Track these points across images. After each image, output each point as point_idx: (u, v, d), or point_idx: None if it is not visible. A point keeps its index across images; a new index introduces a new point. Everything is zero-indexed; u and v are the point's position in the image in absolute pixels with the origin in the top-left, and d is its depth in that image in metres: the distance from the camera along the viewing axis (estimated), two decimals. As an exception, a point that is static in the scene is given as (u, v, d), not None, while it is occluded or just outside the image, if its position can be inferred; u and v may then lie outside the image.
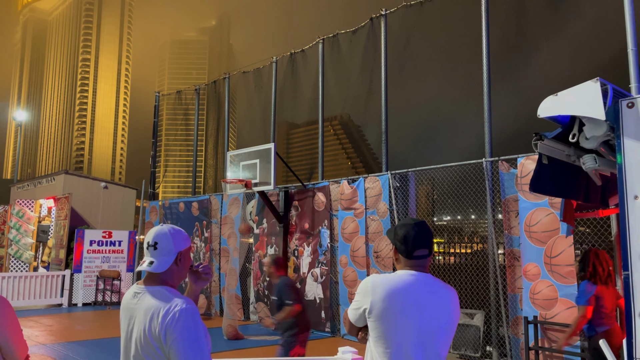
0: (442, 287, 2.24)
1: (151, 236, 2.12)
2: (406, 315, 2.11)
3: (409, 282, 2.16)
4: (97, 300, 13.93)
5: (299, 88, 12.30)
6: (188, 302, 1.96)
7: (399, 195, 8.77)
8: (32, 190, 18.50)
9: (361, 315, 2.19)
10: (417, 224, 2.27)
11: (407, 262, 2.23)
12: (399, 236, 2.25)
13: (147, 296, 2.01)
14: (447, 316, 2.18)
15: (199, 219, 12.93)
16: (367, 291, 2.17)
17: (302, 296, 5.78)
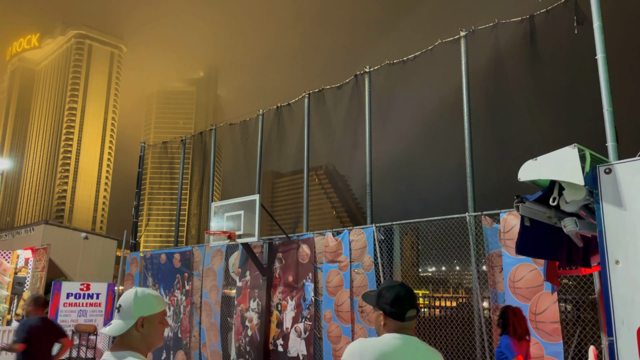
0: (428, 350, 2.23)
1: (120, 298, 2.12)
2: None
3: (397, 347, 2.14)
4: (71, 356, 13.37)
5: (285, 140, 12.44)
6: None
7: (384, 248, 8.74)
8: (10, 240, 18.10)
9: None
10: (402, 285, 2.29)
11: (397, 325, 2.22)
12: (389, 299, 2.23)
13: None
14: None
15: (180, 270, 12.68)
16: (355, 357, 2.13)
17: (33, 336, 6.15)
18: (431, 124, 9.13)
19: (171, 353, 12.28)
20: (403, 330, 2.21)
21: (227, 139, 14.25)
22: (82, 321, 13.75)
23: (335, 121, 11.23)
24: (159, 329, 2.10)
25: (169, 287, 12.88)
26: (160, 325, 2.11)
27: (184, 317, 12.20)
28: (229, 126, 13.86)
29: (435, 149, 9.29)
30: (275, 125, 12.49)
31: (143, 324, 2.05)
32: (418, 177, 10.32)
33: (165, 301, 12.78)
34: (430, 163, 9.71)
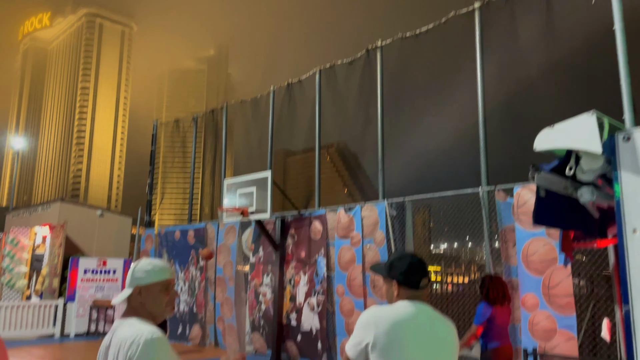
0: (443, 320, 2.25)
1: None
2: (412, 348, 2.08)
3: (413, 314, 2.14)
4: (90, 330, 13.69)
5: (296, 117, 12.39)
6: (154, 332, 1.92)
7: (396, 224, 8.74)
8: (28, 218, 18.39)
9: (362, 351, 2.14)
10: (414, 255, 2.31)
11: (411, 293, 2.22)
12: (402, 268, 2.24)
13: (121, 328, 2.02)
14: (450, 347, 2.19)
15: (195, 247, 12.83)
16: (370, 325, 2.12)
17: None
18: (444, 97, 9.02)
19: (187, 327, 12.51)
20: (416, 298, 2.22)
21: (238, 116, 14.24)
22: (100, 296, 14.02)
23: (346, 97, 11.14)
24: (158, 298, 2.09)
25: (184, 263, 13.05)
26: (161, 295, 2.10)
27: (199, 292, 12.38)
28: (240, 104, 13.83)
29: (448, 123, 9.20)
30: (286, 102, 12.44)
31: (140, 292, 2.08)
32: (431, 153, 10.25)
33: (173, 271, 12.97)
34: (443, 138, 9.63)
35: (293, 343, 10.12)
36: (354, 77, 10.47)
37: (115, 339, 1.97)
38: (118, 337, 1.97)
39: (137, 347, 1.86)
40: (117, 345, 1.93)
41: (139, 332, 1.92)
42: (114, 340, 1.98)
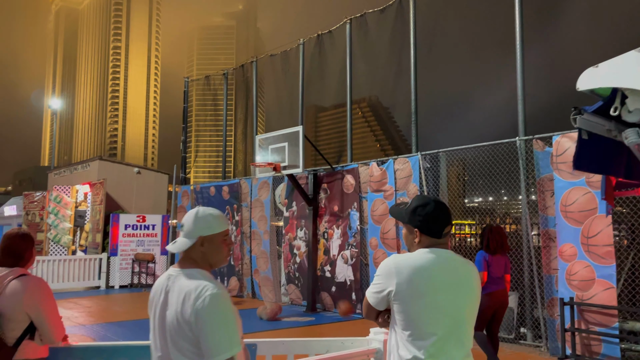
0: (464, 263, 2.19)
1: (184, 217, 2.13)
2: (434, 294, 2.05)
3: (434, 261, 2.10)
4: (133, 282, 14.30)
5: (327, 70, 12.20)
6: (219, 286, 1.95)
7: (430, 176, 8.65)
8: (69, 176, 19.02)
9: (384, 298, 2.12)
10: (437, 200, 2.21)
11: (433, 241, 2.16)
12: (425, 215, 2.15)
13: (181, 278, 2.00)
14: (472, 292, 2.15)
15: (229, 202, 13.07)
16: (391, 272, 2.09)
17: None
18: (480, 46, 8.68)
19: (225, 279, 12.92)
20: (438, 245, 2.16)
21: (268, 71, 14.12)
22: (141, 250, 14.55)
23: (378, 48, 10.86)
24: (220, 248, 2.11)
25: (219, 218, 13.33)
26: (222, 244, 2.12)
27: (235, 246, 12.69)
28: (269, 58, 13.68)
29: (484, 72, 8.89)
30: (316, 55, 12.23)
31: (203, 243, 2.06)
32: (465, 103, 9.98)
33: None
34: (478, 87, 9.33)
35: (327, 294, 10.35)
36: (386, 26, 10.16)
37: (176, 288, 1.97)
38: (179, 287, 1.96)
39: (203, 300, 1.87)
40: (179, 294, 1.94)
41: (203, 285, 1.92)
42: (175, 288, 1.98)
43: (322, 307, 10.43)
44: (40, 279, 2.80)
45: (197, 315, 1.87)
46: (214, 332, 1.86)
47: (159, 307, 2.01)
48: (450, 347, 2.04)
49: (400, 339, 2.08)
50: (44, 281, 2.82)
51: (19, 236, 2.82)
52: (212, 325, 1.86)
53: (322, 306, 10.44)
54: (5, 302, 2.63)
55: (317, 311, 10.25)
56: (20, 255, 2.79)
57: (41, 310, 2.69)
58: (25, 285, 2.69)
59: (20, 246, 2.80)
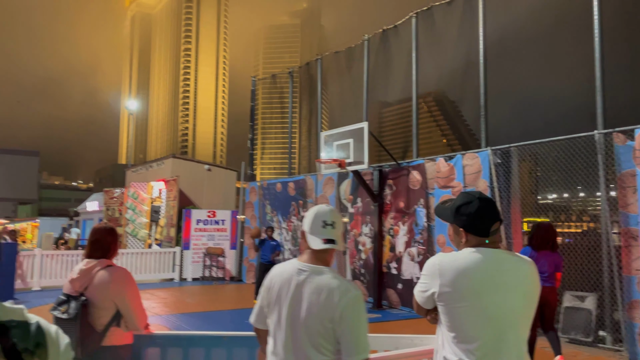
0: (517, 262, 2.04)
1: (328, 215, 2.12)
2: (478, 297, 1.94)
3: (480, 261, 1.98)
4: (204, 275, 14.87)
5: (391, 65, 12.09)
6: (357, 287, 2.01)
7: (500, 172, 8.37)
8: (145, 173, 20.04)
9: (429, 298, 2.07)
10: (482, 197, 2.07)
11: (481, 240, 2.03)
12: (469, 214, 2.03)
13: (315, 275, 2.03)
14: (525, 292, 2.01)
15: (295, 198, 13.28)
16: (435, 273, 2.02)
17: None
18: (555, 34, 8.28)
19: (291, 274, 13.13)
20: (489, 244, 2.03)
21: (332, 68, 14.18)
22: (211, 245, 15.09)
23: (445, 42, 10.62)
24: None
25: (286, 214, 13.59)
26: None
27: (301, 241, 12.88)
28: (334, 55, 13.74)
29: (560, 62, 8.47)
30: (381, 51, 12.14)
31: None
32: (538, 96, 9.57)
33: (283, 227, 13.57)
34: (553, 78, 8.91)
35: (394, 291, 10.29)
36: (453, 19, 9.92)
37: (313, 285, 2.01)
38: (317, 284, 2.00)
39: (348, 299, 1.94)
40: (319, 291, 1.98)
41: (347, 285, 1.99)
42: (311, 285, 2.01)
43: (388, 304, 10.39)
44: (124, 270, 3.00)
45: (342, 314, 1.92)
46: (358, 331, 1.94)
47: (287, 300, 2.04)
48: (497, 351, 1.94)
49: (446, 340, 2.02)
50: (128, 271, 3.01)
51: (105, 230, 3.03)
52: (356, 324, 1.94)
53: (388, 303, 10.40)
54: (94, 291, 2.84)
55: (383, 308, 10.22)
56: (107, 248, 3.00)
57: (126, 298, 2.88)
58: (112, 275, 2.88)
59: (106, 239, 3.01)
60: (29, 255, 12.58)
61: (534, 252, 5.65)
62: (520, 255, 2.10)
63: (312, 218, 2.13)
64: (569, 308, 7.53)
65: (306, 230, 2.14)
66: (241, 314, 9.55)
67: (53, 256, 13.06)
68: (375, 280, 10.43)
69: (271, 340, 2.11)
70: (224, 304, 11.21)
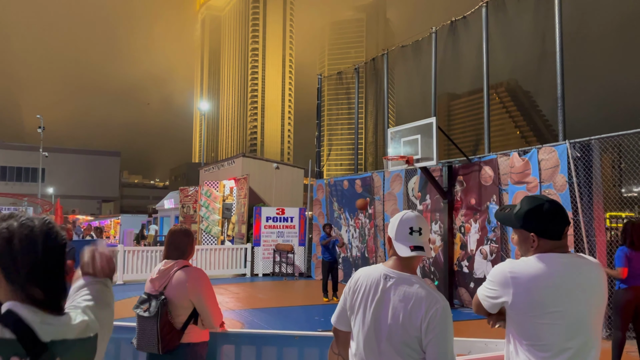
0: (588, 265, 2.00)
1: (414, 221, 2.10)
2: (555, 305, 1.90)
3: (555, 268, 1.93)
4: (274, 271, 15.19)
5: (461, 57, 11.74)
6: (445, 299, 2.01)
7: (580, 166, 7.91)
8: (217, 172, 20.74)
9: (497, 305, 2.02)
10: (550, 201, 2.03)
11: (553, 244, 1.98)
12: (541, 216, 1.99)
13: (403, 282, 2.03)
14: (597, 297, 1.98)
15: (362, 195, 13.23)
16: (507, 282, 1.96)
17: None
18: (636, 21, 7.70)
19: (359, 271, 13.13)
20: (560, 248, 1.99)
21: (399, 63, 13.99)
22: (281, 241, 15.39)
23: (518, 32, 10.18)
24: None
25: (353, 211, 13.58)
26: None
27: (369, 238, 12.85)
28: (400, 49, 13.53)
29: (645, 48, 7.86)
30: (449, 43, 11.82)
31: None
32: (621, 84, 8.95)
33: (351, 224, 13.58)
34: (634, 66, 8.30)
35: (465, 290, 10.02)
36: (527, 7, 9.48)
37: (401, 292, 2.01)
38: (405, 292, 2.00)
39: (436, 310, 1.94)
40: (407, 300, 1.98)
41: (436, 296, 1.99)
42: (398, 292, 2.01)
43: (460, 303, 10.13)
44: (200, 270, 3.11)
45: (429, 325, 1.92)
46: (445, 343, 1.93)
47: (372, 305, 2.04)
48: (574, 356, 1.90)
49: (520, 347, 1.97)
50: (203, 272, 3.12)
51: (181, 232, 3.16)
52: (443, 336, 1.93)
53: (460, 302, 10.15)
54: (172, 290, 2.97)
55: (455, 307, 9.98)
56: (184, 249, 3.12)
57: (202, 297, 2.99)
58: (188, 275, 3.00)
59: (183, 241, 3.14)
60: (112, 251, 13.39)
61: (631, 251, 5.44)
62: (589, 257, 2.06)
63: (398, 224, 2.10)
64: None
65: (392, 236, 2.11)
66: (311, 310, 9.68)
67: (134, 252, 13.83)
68: (446, 279, 10.20)
69: (354, 343, 2.11)
70: (293, 299, 11.40)
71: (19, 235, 1.24)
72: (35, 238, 1.26)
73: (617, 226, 9.73)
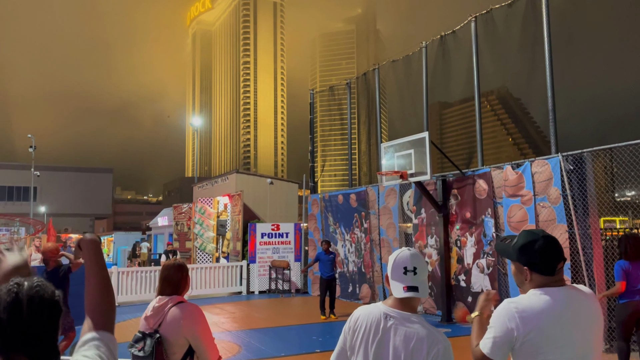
0: (585, 298, 2.06)
1: (408, 261, 2.08)
2: (563, 339, 1.94)
3: (558, 302, 1.98)
4: (270, 288, 15.07)
5: (451, 71, 11.81)
6: (446, 338, 2.00)
7: (574, 178, 7.93)
8: (210, 188, 20.66)
9: (505, 346, 1.98)
10: (545, 236, 2.07)
11: (547, 279, 2.03)
12: (535, 252, 2.03)
13: (404, 322, 2.01)
14: (597, 325, 2.05)
15: (357, 210, 13.20)
16: (513, 320, 1.96)
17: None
18: (628, 29, 7.77)
19: (357, 286, 13.06)
20: (556, 283, 2.02)
21: (390, 76, 14.05)
22: (276, 258, 15.29)
23: (507, 43, 10.25)
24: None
25: (349, 226, 13.54)
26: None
27: (365, 253, 12.79)
28: (391, 63, 13.60)
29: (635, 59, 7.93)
30: (440, 57, 11.89)
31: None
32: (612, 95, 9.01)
33: (347, 238, 13.52)
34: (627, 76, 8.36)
35: (463, 304, 9.94)
36: (515, 21, 9.55)
37: (402, 332, 1.99)
38: (407, 332, 1.99)
39: (438, 350, 1.94)
40: (408, 340, 1.97)
41: (437, 336, 1.98)
42: (399, 332, 2.00)
43: (457, 318, 10.07)
44: (195, 306, 3.05)
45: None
46: None
47: (374, 346, 2.02)
48: None
49: None
50: (198, 307, 3.06)
51: (175, 267, 3.11)
52: None
53: (457, 317, 10.08)
54: (167, 328, 2.91)
55: (453, 322, 9.92)
56: (177, 284, 3.07)
57: (197, 334, 2.93)
58: (183, 312, 2.94)
59: (176, 276, 3.08)
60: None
61: (628, 264, 5.51)
62: (583, 288, 2.11)
63: (393, 264, 2.10)
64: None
65: (389, 275, 2.12)
66: (308, 330, 9.59)
67: (128, 273, 13.68)
68: (443, 293, 10.15)
69: None
70: (291, 318, 11.29)
71: (3, 303, 1.21)
72: (20, 304, 1.22)
73: (612, 234, 9.73)
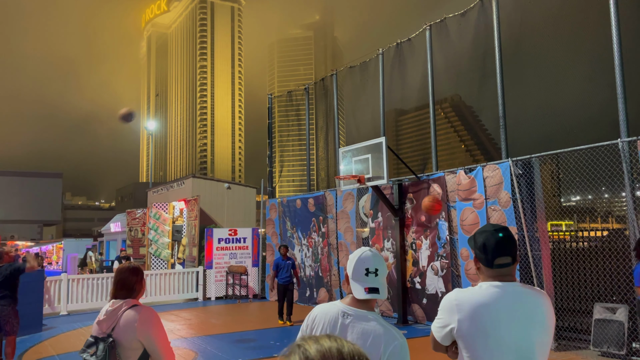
0: (531, 295, 2.08)
1: (370, 262, 2.09)
2: (498, 332, 1.99)
3: (496, 296, 2.03)
4: (227, 294, 14.89)
5: (407, 77, 12.05)
6: (402, 335, 2.02)
7: (523, 182, 8.25)
8: (166, 193, 20.23)
9: (448, 334, 2.09)
10: (497, 230, 2.12)
11: (489, 271, 2.09)
12: (478, 244, 2.11)
13: (361, 319, 2.04)
14: (541, 326, 2.04)
15: (315, 214, 13.26)
16: (452, 309, 2.05)
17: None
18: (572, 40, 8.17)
19: (314, 290, 13.09)
20: (499, 277, 2.07)
21: (348, 82, 14.21)
22: (234, 263, 15.13)
23: (460, 52, 10.56)
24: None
25: (306, 230, 13.57)
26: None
27: (323, 257, 12.84)
28: (349, 69, 13.76)
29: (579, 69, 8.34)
30: (396, 63, 12.13)
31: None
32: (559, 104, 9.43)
33: (304, 243, 13.54)
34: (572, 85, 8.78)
35: (418, 306, 10.16)
36: (468, 30, 9.87)
37: (359, 329, 2.01)
38: (363, 329, 2.01)
39: (394, 346, 1.95)
40: (365, 336, 1.99)
41: (391, 333, 2.00)
42: (356, 329, 2.02)
43: (413, 320, 10.26)
44: (150, 309, 3.00)
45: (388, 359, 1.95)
46: None
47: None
48: None
49: None
50: (153, 311, 3.01)
51: (129, 270, 3.04)
52: None
53: (413, 318, 10.27)
54: (120, 332, 2.84)
55: (409, 323, 10.09)
56: (132, 288, 3.00)
57: (152, 338, 2.87)
58: (138, 315, 2.88)
59: (130, 279, 3.02)
60: (55, 281, 12.75)
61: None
62: (535, 288, 2.15)
63: (355, 263, 2.11)
64: (600, 320, 7.34)
65: (349, 275, 2.12)
66: (266, 335, 9.54)
67: (79, 280, 13.23)
68: (399, 296, 10.32)
69: None
70: (249, 323, 11.20)
71: None
72: None
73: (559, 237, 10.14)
